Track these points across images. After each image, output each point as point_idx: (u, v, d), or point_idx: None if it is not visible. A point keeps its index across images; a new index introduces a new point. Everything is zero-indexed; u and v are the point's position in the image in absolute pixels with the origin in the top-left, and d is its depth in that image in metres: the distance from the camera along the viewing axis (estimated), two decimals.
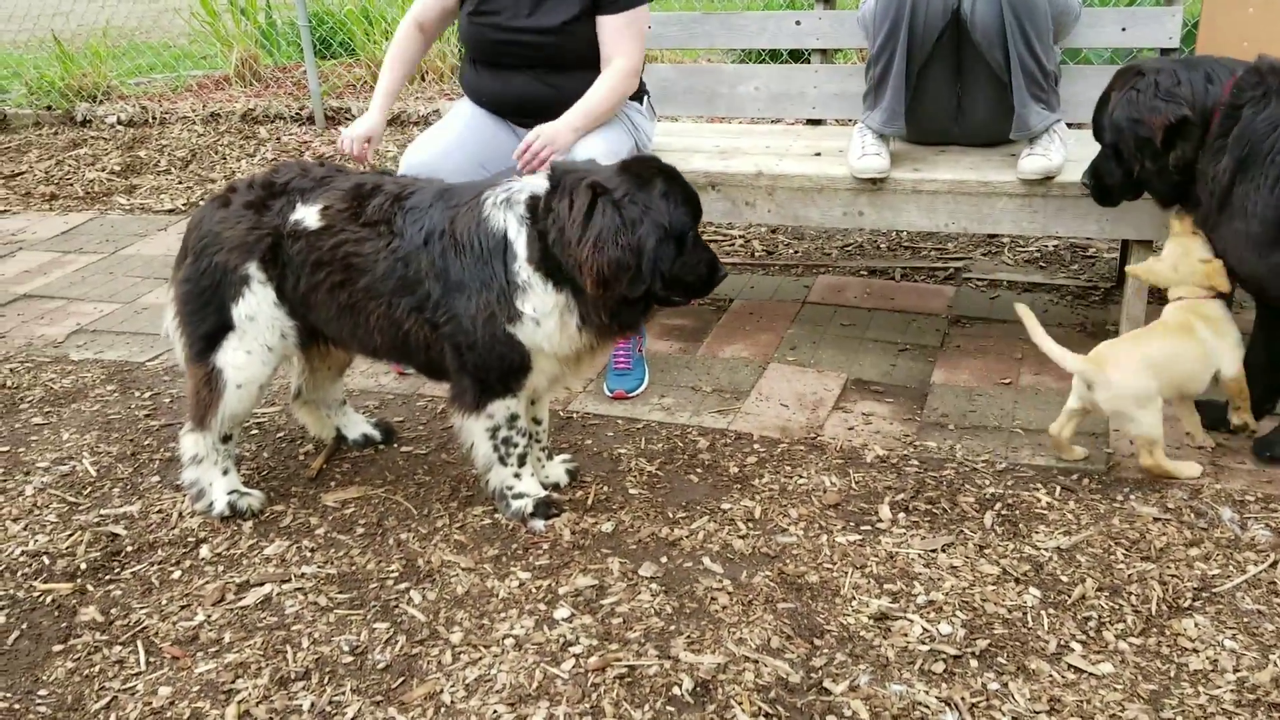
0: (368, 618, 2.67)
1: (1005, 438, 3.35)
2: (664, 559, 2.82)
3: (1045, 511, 2.94)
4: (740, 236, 5.36)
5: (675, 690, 2.37)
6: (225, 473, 3.15)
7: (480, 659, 2.51)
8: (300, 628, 2.65)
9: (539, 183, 2.80)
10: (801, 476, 3.19)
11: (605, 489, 3.15)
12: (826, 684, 2.37)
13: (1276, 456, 3.12)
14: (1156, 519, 2.88)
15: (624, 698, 2.35)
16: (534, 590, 2.72)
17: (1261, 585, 2.62)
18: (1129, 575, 2.67)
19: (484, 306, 2.78)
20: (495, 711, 2.34)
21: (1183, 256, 3.12)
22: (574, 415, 3.59)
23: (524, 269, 2.75)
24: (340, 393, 3.44)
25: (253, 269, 2.95)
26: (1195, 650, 2.42)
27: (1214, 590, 2.61)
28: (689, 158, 3.97)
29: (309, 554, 2.93)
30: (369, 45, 8.17)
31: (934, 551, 2.79)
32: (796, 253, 5.13)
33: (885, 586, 2.67)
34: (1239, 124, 2.93)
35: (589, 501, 3.08)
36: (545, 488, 3.11)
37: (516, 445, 2.99)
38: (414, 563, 2.86)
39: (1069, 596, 2.60)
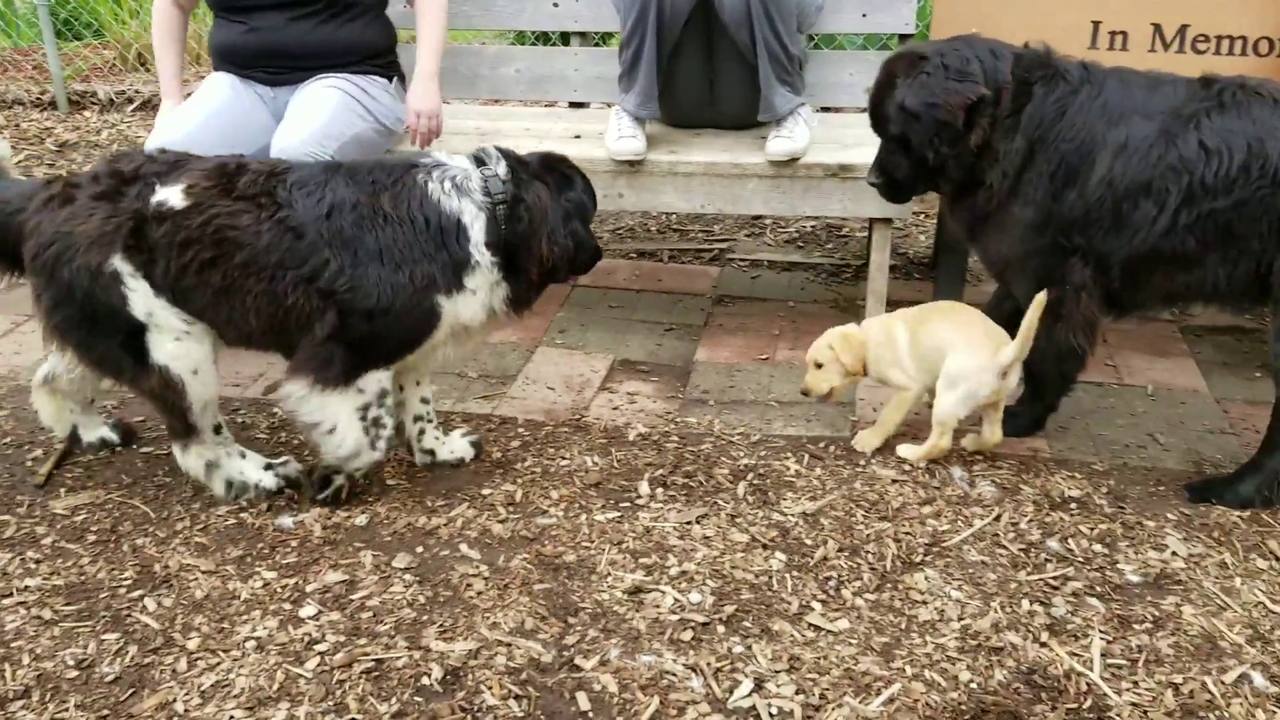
0: (96, 629, 2.50)
1: (760, 411, 3.45)
2: (420, 549, 2.77)
3: (794, 479, 3.05)
4: None
5: (424, 680, 2.32)
6: (244, 455, 3.01)
7: (218, 664, 2.39)
8: (21, 644, 2.45)
9: (469, 166, 2.87)
10: (564, 458, 3.19)
11: (361, 480, 3.06)
12: (578, 660, 2.38)
13: (1020, 430, 3.27)
14: (894, 480, 3.04)
15: (370, 692, 2.29)
16: (279, 590, 2.62)
17: (986, 538, 2.79)
18: (867, 535, 2.79)
19: (421, 278, 2.77)
20: (232, 717, 2.23)
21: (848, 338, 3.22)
22: None
23: (477, 250, 2.82)
24: (94, 392, 3.22)
25: (118, 262, 2.71)
26: (925, 602, 2.56)
27: (943, 545, 2.76)
28: (447, 140, 3.90)
29: (33, 565, 2.72)
30: (116, 26, 7.67)
31: (689, 524, 2.85)
32: None
33: (641, 560, 2.71)
34: (1031, 101, 2.97)
35: (343, 495, 2.99)
36: (454, 465, 3.16)
37: (385, 426, 2.90)
38: (150, 569, 2.70)
39: (811, 559, 2.70)
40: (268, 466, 3.02)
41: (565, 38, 6.28)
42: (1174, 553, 2.73)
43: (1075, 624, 2.48)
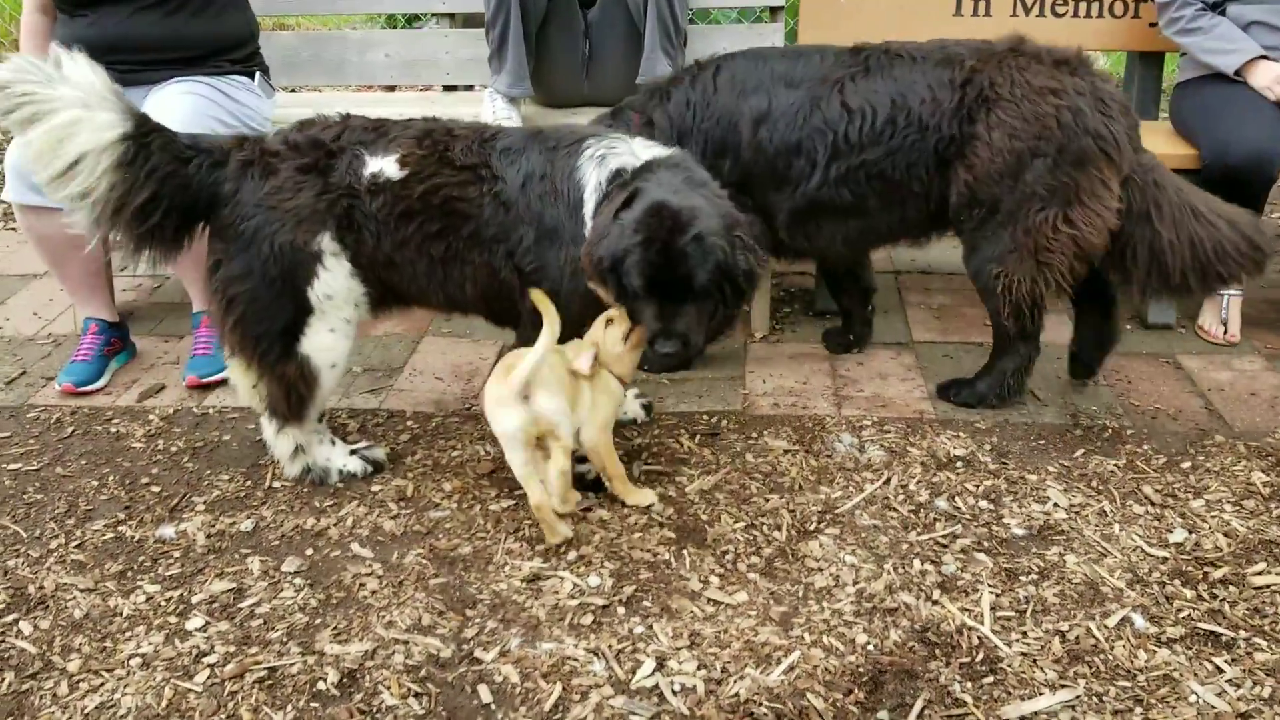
0: None
1: (652, 389, 3.45)
2: (309, 551, 2.69)
3: (687, 456, 3.05)
4: None
5: (320, 685, 2.26)
6: (333, 443, 3.00)
7: (102, 684, 2.29)
8: None
9: (631, 156, 2.69)
10: (455, 449, 3.14)
11: (246, 484, 2.97)
12: (478, 653, 2.34)
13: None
14: (786, 451, 3.07)
15: (264, 701, 2.22)
16: (164, 603, 2.52)
17: (877, 501, 2.84)
18: (762, 507, 2.82)
19: (569, 262, 2.69)
20: None
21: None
22: (210, 410, 3.36)
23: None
24: None
25: (326, 242, 2.63)
26: (820, 569, 2.59)
27: (836, 511, 2.80)
28: None
29: None
30: None
31: (585, 508, 2.83)
32: None
33: (537, 548, 2.68)
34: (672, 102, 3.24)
35: (225, 500, 2.90)
36: (625, 422, 3.15)
37: None
38: (23, 590, 2.57)
39: (708, 534, 2.71)
40: (353, 452, 3.00)
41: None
42: (1055, 504, 2.81)
43: (965, 580, 2.54)
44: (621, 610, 2.47)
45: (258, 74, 3.68)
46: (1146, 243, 3.06)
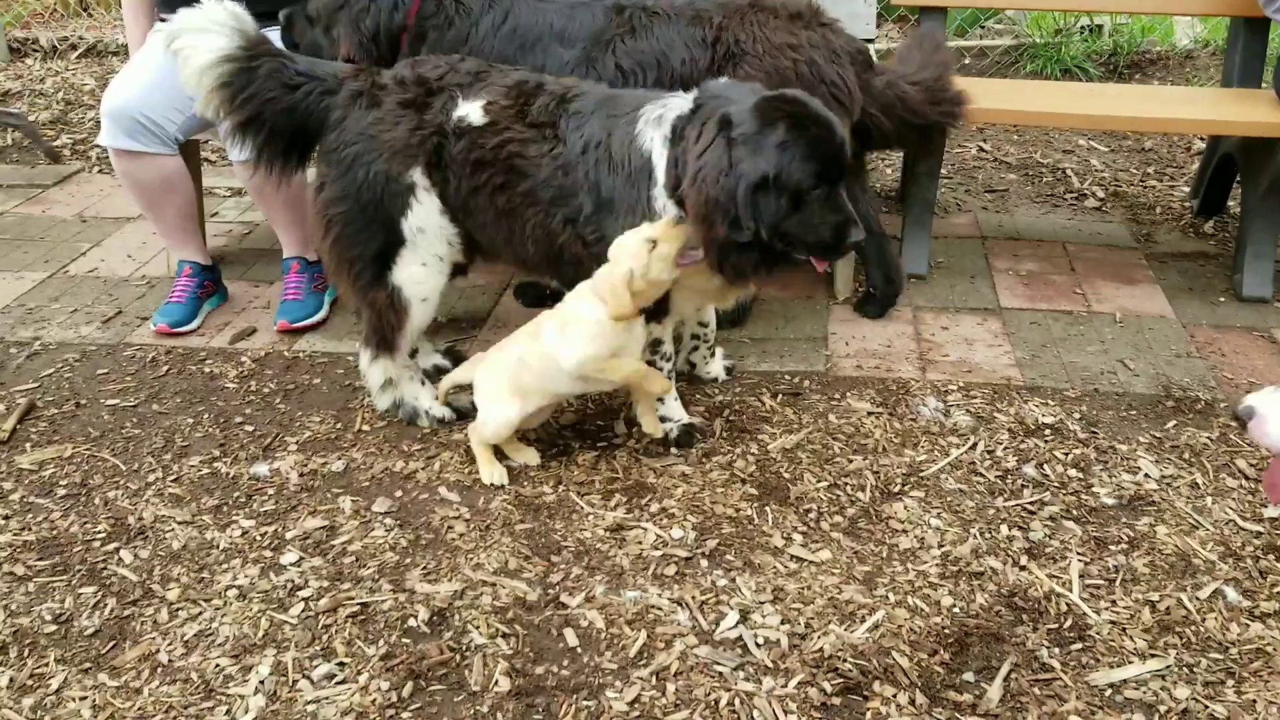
0: (72, 583, 2.46)
1: (733, 348, 3.44)
2: (399, 493, 2.75)
3: (769, 415, 3.05)
4: None
5: (411, 622, 2.32)
6: (423, 383, 3.06)
7: (200, 613, 2.37)
8: None
9: (682, 102, 2.63)
10: None
11: (336, 427, 3.03)
12: (563, 598, 2.38)
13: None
14: (870, 413, 3.05)
15: (357, 635, 2.28)
16: (258, 538, 2.59)
17: (963, 466, 2.82)
18: (845, 468, 2.81)
19: (629, 230, 2.62)
20: (218, 665, 2.22)
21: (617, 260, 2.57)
22: (300, 354, 3.43)
23: (660, 195, 2.61)
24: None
25: (418, 175, 2.72)
26: (905, 531, 2.58)
27: (921, 475, 2.78)
28: None
29: (2, 522, 2.67)
30: None
31: (666, 464, 2.84)
32: None
33: (620, 498, 2.70)
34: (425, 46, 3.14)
35: (316, 441, 2.96)
36: (707, 380, 3.20)
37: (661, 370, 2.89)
38: (123, 521, 2.66)
39: (790, 492, 2.71)
40: (437, 396, 3.05)
41: None
42: (1146, 475, 2.76)
43: (1053, 547, 2.52)
44: (704, 563, 2.48)
45: None
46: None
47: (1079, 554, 2.49)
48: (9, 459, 2.91)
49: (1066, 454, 2.85)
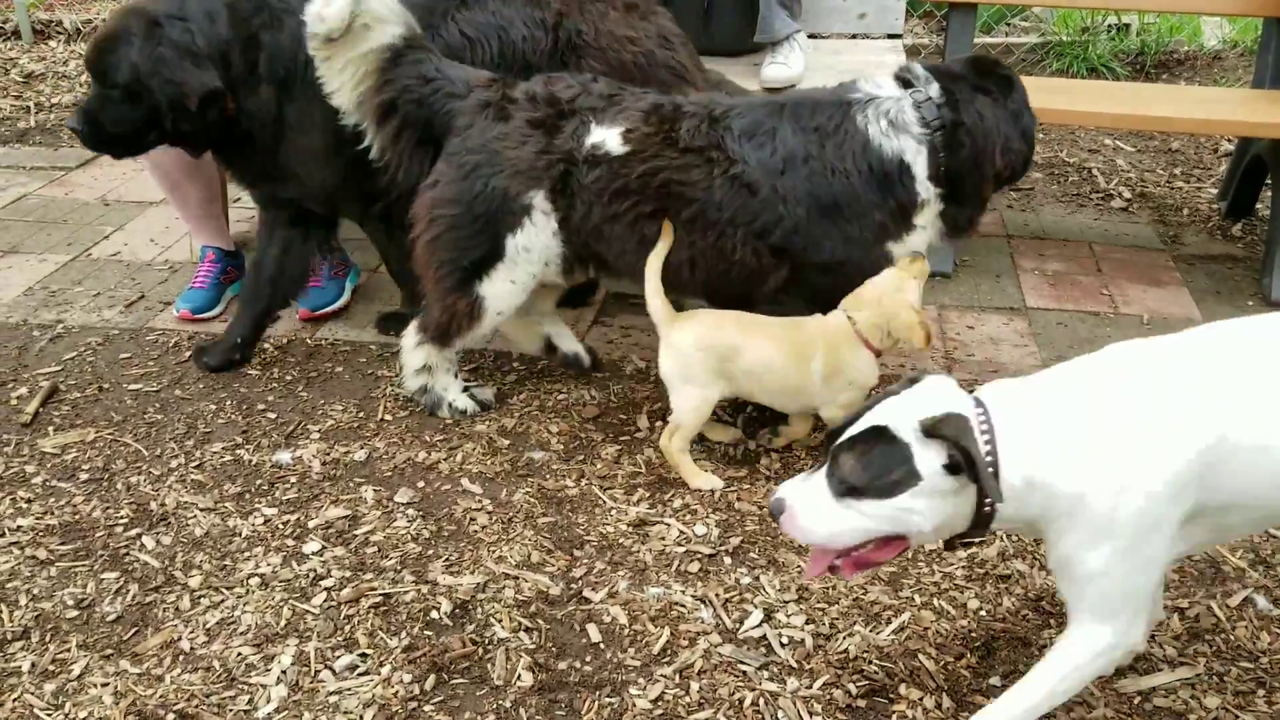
0: (95, 568, 2.46)
1: None
2: (421, 484, 2.74)
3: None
4: None
5: (433, 614, 2.31)
6: (455, 375, 3.04)
7: (223, 601, 2.36)
8: (17, 584, 2.42)
9: (900, 94, 2.68)
10: (562, 392, 3.15)
11: (359, 415, 3.02)
12: (586, 593, 2.37)
13: (211, 365, 3.23)
14: None
15: (379, 626, 2.28)
16: (281, 526, 2.58)
17: None
18: None
19: (873, 228, 2.69)
20: (240, 653, 2.22)
21: (893, 292, 2.64)
22: (323, 342, 3.42)
23: (923, 186, 2.68)
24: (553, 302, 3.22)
25: (539, 199, 2.70)
26: None
27: None
28: None
29: (25, 505, 2.67)
30: None
31: (691, 458, 2.83)
32: None
33: (643, 493, 2.69)
34: (263, 50, 2.98)
35: (338, 430, 2.95)
36: None
37: None
38: (146, 507, 2.66)
39: None
40: (465, 390, 3.05)
41: None
42: None
43: None
44: (728, 560, 2.47)
45: None
46: None
47: None
48: (32, 442, 2.91)
49: None
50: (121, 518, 2.62)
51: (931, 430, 1.72)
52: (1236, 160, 4.30)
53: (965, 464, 1.70)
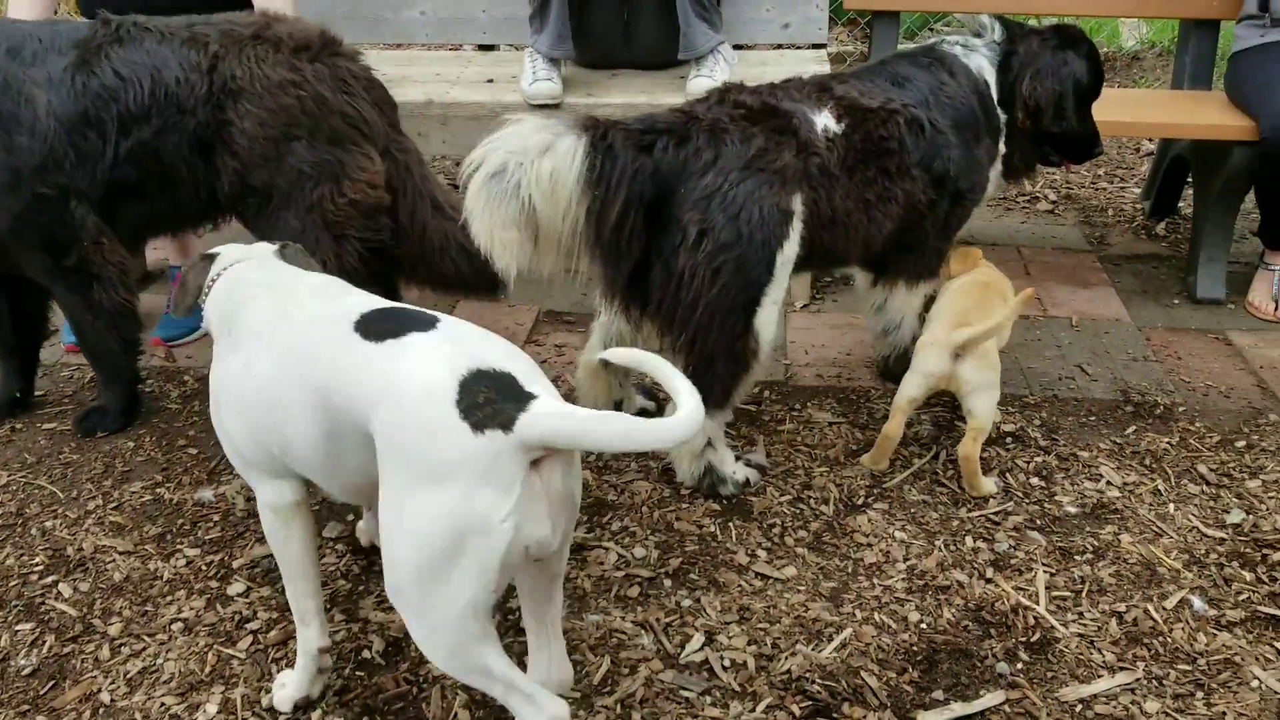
0: (8, 620, 2.35)
1: None
2: (350, 516, 2.66)
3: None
4: None
5: (365, 653, 2.24)
6: (726, 442, 2.79)
7: (144, 649, 2.27)
8: None
9: (969, 38, 3.01)
10: None
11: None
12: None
13: (91, 430, 3.05)
14: (831, 423, 3.01)
15: None
16: (204, 567, 2.49)
17: (925, 476, 2.79)
18: (808, 480, 2.77)
19: (987, 151, 2.95)
20: (163, 704, 2.13)
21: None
22: None
23: (1000, 110, 2.98)
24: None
25: (796, 202, 2.58)
26: (869, 545, 2.54)
27: (884, 486, 2.75)
28: None
29: None
30: None
31: (626, 480, 2.79)
32: None
33: (580, 517, 2.64)
34: None
35: None
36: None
37: None
38: (62, 552, 2.55)
39: (754, 507, 2.67)
40: (739, 457, 2.80)
41: None
42: (1109, 482, 2.75)
43: (1018, 558, 2.49)
44: (668, 583, 2.43)
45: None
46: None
47: (1044, 565, 2.47)
48: None
49: (1028, 462, 2.83)
50: (36, 565, 2.52)
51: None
52: (1158, 160, 4.37)
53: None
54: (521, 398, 1.63)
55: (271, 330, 1.90)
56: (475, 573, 1.63)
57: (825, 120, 2.68)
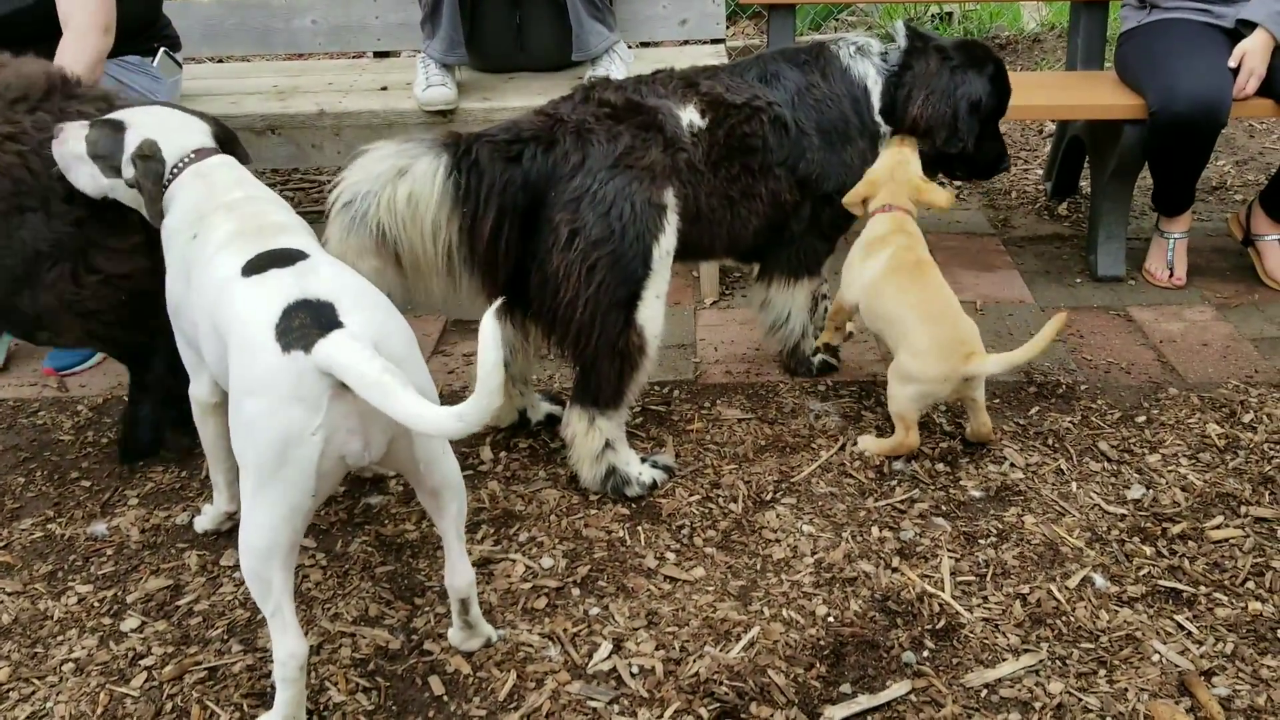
0: None
1: None
2: (389, 487, 2.59)
3: (637, 429, 2.98)
4: (314, 183, 5.02)
5: (264, 683, 2.17)
6: (627, 443, 2.77)
7: (33, 693, 2.18)
8: None
9: (870, 39, 2.99)
10: None
11: (180, 475, 2.85)
12: (428, 644, 2.26)
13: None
14: (740, 420, 3.00)
15: (206, 700, 2.13)
16: (97, 604, 2.41)
17: (833, 468, 2.79)
18: (716, 479, 2.75)
19: (857, 156, 2.91)
20: None
21: (899, 165, 2.90)
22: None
23: (879, 119, 2.94)
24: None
25: (669, 196, 2.55)
26: (778, 540, 2.54)
27: (792, 480, 2.75)
28: (242, 101, 3.64)
29: None
30: None
31: (534, 489, 2.75)
32: None
33: (487, 530, 2.60)
34: None
35: (159, 493, 2.78)
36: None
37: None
38: None
39: (662, 509, 2.65)
40: (644, 459, 2.77)
41: None
42: (1012, 464, 2.78)
43: (924, 545, 2.50)
44: (576, 592, 2.40)
45: (160, 51, 3.45)
46: None
47: (950, 551, 2.48)
48: None
49: (934, 448, 2.85)
50: None
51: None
52: (1057, 141, 4.44)
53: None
54: (330, 326, 1.78)
55: (209, 262, 2.10)
56: (295, 478, 1.81)
57: (690, 115, 2.69)
